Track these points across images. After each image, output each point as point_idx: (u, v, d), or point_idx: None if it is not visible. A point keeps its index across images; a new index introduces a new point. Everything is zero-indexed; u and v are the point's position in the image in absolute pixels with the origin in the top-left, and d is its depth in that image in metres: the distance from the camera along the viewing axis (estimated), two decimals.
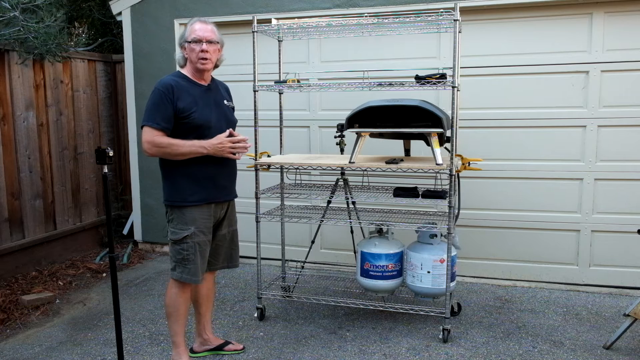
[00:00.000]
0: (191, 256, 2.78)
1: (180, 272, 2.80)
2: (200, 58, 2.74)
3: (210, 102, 2.84)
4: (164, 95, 2.67)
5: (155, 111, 2.67)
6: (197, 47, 2.74)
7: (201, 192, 2.78)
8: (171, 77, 2.78)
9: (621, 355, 3.10)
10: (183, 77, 2.81)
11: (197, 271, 2.80)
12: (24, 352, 3.27)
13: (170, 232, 2.83)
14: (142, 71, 5.07)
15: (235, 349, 3.18)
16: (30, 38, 4.02)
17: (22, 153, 4.53)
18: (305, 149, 4.68)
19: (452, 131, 3.18)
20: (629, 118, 3.94)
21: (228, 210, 2.98)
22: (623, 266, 4.07)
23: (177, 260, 2.80)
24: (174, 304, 2.86)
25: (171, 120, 2.68)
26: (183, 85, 2.75)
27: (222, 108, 2.90)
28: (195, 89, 2.80)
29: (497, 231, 4.29)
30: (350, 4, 4.35)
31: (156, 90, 2.70)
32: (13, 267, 4.48)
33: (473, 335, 3.38)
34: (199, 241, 2.79)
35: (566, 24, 4.00)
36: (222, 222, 2.95)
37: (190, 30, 2.76)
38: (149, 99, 2.73)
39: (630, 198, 4.00)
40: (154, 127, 2.66)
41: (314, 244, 4.17)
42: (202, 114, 2.75)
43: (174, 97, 2.68)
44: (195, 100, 2.75)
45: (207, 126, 2.76)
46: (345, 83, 3.39)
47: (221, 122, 2.85)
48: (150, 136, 2.67)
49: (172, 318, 2.89)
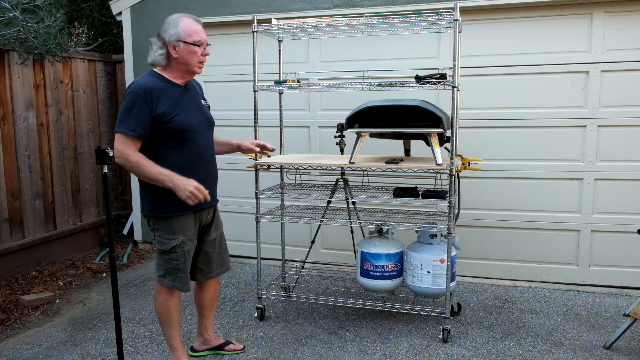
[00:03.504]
0: (181, 265, 2.70)
1: (172, 281, 2.72)
2: (200, 62, 2.62)
3: (191, 104, 2.67)
4: (141, 99, 2.47)
5: (131, 117, 2.48)
6: (199, 50, 2.59)
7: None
8: (147, 78, 2.58)
9: (621, 355, 3.10)
10: (160, 77, 2.60)
11: (187, 279, 2.75)
12: (24, 352, 3.27)
13: (157, 242, 2.71)
14: (142, 71, 5.03)
15: (235, 349, 3.18)
16: (30, 38, 4.02)
17: (22, 153, 4.53)
18: (305, 149, 4.68)
19: (452, 131, 3.18)
20: (629, 118, 3.94)
21: (215, 215, 2.90)
22: (623, 266, 4.07)
23: (167, 269, 2.70)
24: (166, 310, 2.79)
25: (148, 127, 2.50)
26: (161, 87, 2.55)
27: (201, 109, 2.74)
28: (174, 90, 2.60)
29: (497, 231, 4.29)
30: (350, 4, 4.35)
31: (132, 93, 2.50)
32: (13, 267, 4.48)
33: (473, 335, 3.38)
34: (188, 249, 2.71)
35: (566, 24, 4.00)
36: (209, 226, 2.86)
37: (188, 30, 2.57)
38: (123, 103, 2.52)
39: (630, 198, 4.00)
40: (129, 134, 2.47)
41: (314, 244, 4.17)
42: (183, 117, 2.58)
43: (152, 101, 2.49)
44: (176, 102, 2.58)
45: (189, 130, 2.59)
46: (345, 83, 3.39)
47: (203, 124, 2.70)
48: (122, 145, 2.48)
49: (165, 324, 2.84)
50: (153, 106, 2.50)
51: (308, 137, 4.68)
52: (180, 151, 2.61)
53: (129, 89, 2.55)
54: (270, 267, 4.70)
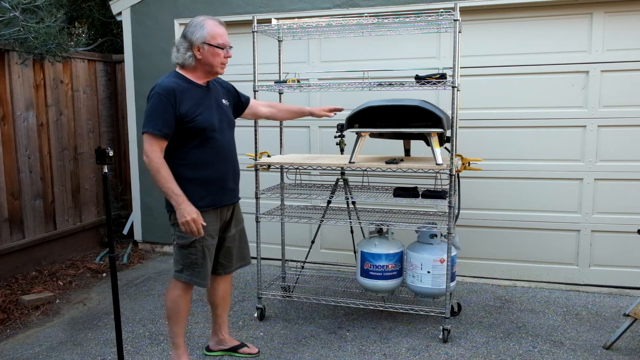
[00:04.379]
0: (200, 260, 2.74)
1: (190, 276, 2.75)
2: (222, 64, 2.71)
3: (212, 104, 2.76)
4: (165, 99, 2.56)
5: (156, 116, 2.56)
6: (222, 52, 2.68)
7: (209, 197, 2.72)
8: (171, 79, 2.67)
9: (621, 355, 3.10)
10: (182, 78, 2.70)
11: (206, 275, 2.78)
12: (24, 352, 3.27)
13: (177, 237, 2.74)
14: (142, 71, 5.07)
15: (250, 352, 3.15)
16: (30, 38, 4.02)
17: (22, 153, 4.53)
18: (305, 149, 4.68)
19: (452, 131, 3.18)
20: (629, 118, 3.94)
21: (234, 211, 2.95)
22: (623, 266, 4.07)
23: (185, 264, 2.75)
24: (176, 306, 2.82)
25: (172, 126, 2.59)
26: (184, 88, 2.65)
27: (222, 108, 2.83)
28: (197, 91, 2.70)
29: (497, 231, 4.29)
30: (350, 4, 4.35)
31: (156, 94, 2.58)
32: (13, 267, 4.48)
33: (473, 335, 3.38)
34: (208, 245, 2.75)
35: (566, 24, 4.00)
36: (229, 223, 2.92)
37: (213, 33, 2.65)
38: (149, 104, 2.61)
39: (630, 198, 4.00)
40: (155, 133, 2.55)
41: (314, 244, 4.17)
42: (204, 117, 2.67)
43: (175, 101, 2.58)
44: (198, 102, 2.67)
45: (210, 129, 2.68)
46: (345, 83, 3.39)
47: (223, 123, 2.78)
48: (148, 145, 2.57)
49: (172, 320, 2.86)
50: (176, 106, 2.59)
51: (308, 137, 4.68)
52: (201, 150, 2.69)
53: (153, 90, 2.63)
54: (270, 267, 4.71)
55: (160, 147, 2.60)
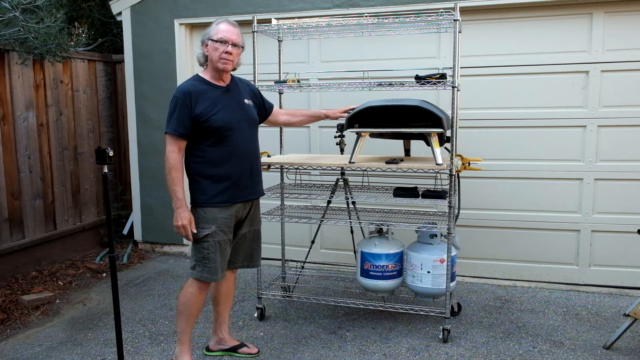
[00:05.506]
0: (211, 255, 2.79)
1: (200, 271, 2.80)
2: (222, 58, 2.76)
3: (231, 103, 2.84)
4: (181, 101, 2.72)
5: (173, 118, 2.73)
6: (221, 47, 2.75)
7: (224, 194, 2.80)
8: (189, 82, 2.82)
9: (621, 355, 3.10)
10: (201, 80, 2.83)
11: (217, 270, 2.81)
12: (24, 352, 3.27)
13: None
14: (142, 71, 5.07)
15: (249, 352, 3.16)
16: (30, 38, 4.02)
17: (22, 153, 4.53)
18: (305, 149, 4.68)
19: (452, 131, 3.18)
20: (629, 118, 3.94)
21: (251, 210, 2.99)
22: (623, 266, 4.07)
23: (198, 258, 2.81)
24: (189, 303, 2.87)
25: (189, 126, 2.72)
26: (201, 89, 2.77)
27: (243, 108, 2.90)
28: (214, 92, 2.81)
29: (497, 231, 4.29)
30: (350, 4, 4.35)
31: (174, 97, 2.75)
32: (13, 267, 4.48)
33: (473, 335, 3.38)
34: (220, 240, 2.81)
35: (566, 24, 4.00)
36: (243, 221, 2.97)
37: (217, 30, 2.76)
38: (169, 107, 2.78)
39: (630, 198, 4.00)
40: (172, 133, 2.72)
41: (314, 244, 4.17)
42: (220, 116, 2.76)
43: (191, 102, 2.72)
44: (214, 103, 2.77)
45: (226, 128, 2.77)
46: (345, 83, 3.39)
47: (242, 122, 2.86)
48: (168, 145, 2.73)
49: (183, 316, 2.90)
50: (192, 107, 2.73)
51: (308, 137, 4.68)
52: (217, 148, 2.79)
53: (173, 94, 2.78)
54: (270, 267, 4.71)
55: (178, 146, 2.74)
